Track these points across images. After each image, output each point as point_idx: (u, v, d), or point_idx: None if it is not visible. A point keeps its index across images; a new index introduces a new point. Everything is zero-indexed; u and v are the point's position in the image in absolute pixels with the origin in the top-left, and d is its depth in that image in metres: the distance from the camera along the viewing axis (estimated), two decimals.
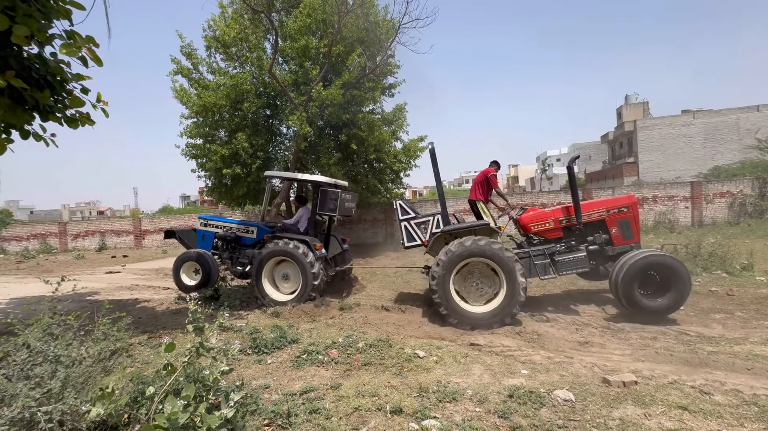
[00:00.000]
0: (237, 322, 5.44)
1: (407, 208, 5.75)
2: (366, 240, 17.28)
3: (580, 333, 4.68)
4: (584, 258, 5.28)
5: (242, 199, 13.77)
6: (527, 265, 5.31)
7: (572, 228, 5.58)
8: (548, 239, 5.64)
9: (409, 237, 5.69)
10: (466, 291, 5.17)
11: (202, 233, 7.27)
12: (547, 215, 5.66)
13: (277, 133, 13.46)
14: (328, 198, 6.43)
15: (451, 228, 5.40)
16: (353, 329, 4.93)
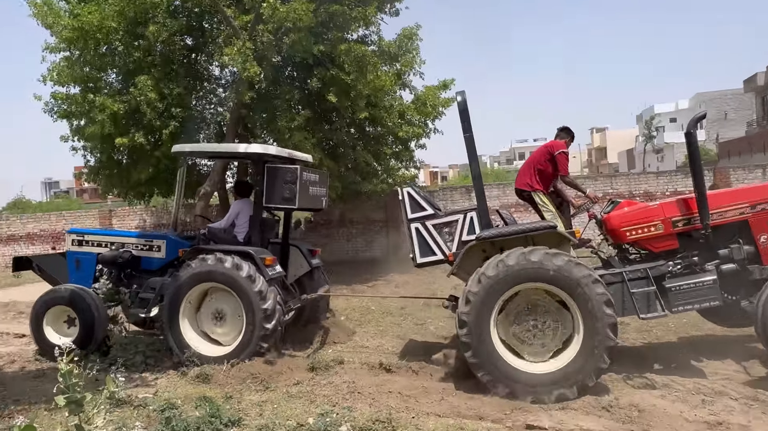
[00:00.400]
0: (140, 391, 5.41)
1: (420, 199, 5.72)
2: (354, 255, 17.36)
3: (708, 407, 4.68)
4: (713, 284, 5.26)
5: (147, 186, 13.84)
6: (619, 295, 5.30)
7: (694, 235, 5.56)
8: (654, 253, 5.64)
9: (423, 248, 5.67)
10: (519, 339, 5.19)
11: (75, 257, 7.29)
12: (653, 213, 5.64)
13: (204, 78, 13.52)
14: (279, 180, 6.44)
15: (494, 233, 5.40)
16: (333, 402, 4.93)
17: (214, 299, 6.41)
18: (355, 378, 5.63)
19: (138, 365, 6.24)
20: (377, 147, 13.27)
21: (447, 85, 13.83)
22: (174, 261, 6.89)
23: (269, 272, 6.22)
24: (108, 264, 7.00)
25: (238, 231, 7.10)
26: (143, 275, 7.01)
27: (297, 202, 6.44)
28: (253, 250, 6.29)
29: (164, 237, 7.05)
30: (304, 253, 7.32)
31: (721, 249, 5.51)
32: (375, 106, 12.58)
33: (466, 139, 5.43)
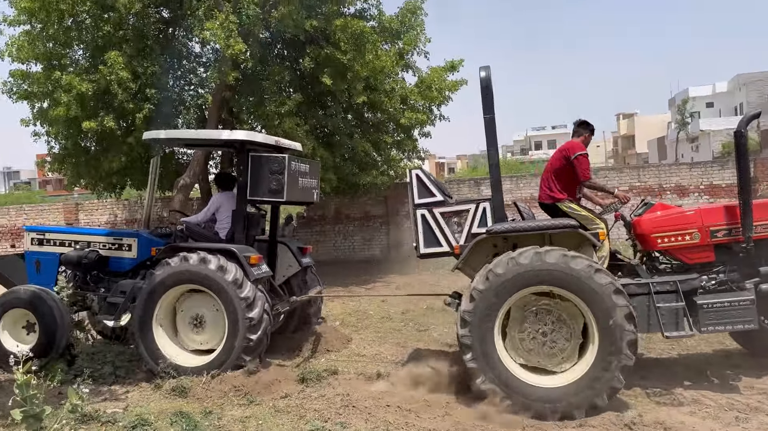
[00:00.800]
0: (108, 406, 5.41)
1: (430, 184, 5.70)
2: (351, 254, 17.40)
3: (742, 425, 4.69)
4: (750, 304, 5.21)
5: (118, 177, 13.85)
6: (643, 309, 5.28)
7: (733, 248, 5.53)
8: (686, 264, 5.62)
9: (428, 237, 5.66)
10: (526, 348, 5.20)
11: (35, 258, 7.29)
12: (690, 220, 5.60)
13: (183, 55, 13.50)
14: (264, 170, 6.44)
15: (507, 228, 5.39)
16: (324, 418, 4.94)
17: (193, 302, 6.40)
18: (350, 390, 5.64)
19: (106, 376, 6.25)
20: (377, 135, 13.27)
21: (455, 66, 13.80)
22: (146, 261, 6.89)
23: (255, 272, 6.21)
24: (72, 266, 6.98)
25: (219, 227, 7.10)
26: (112, 278, 7.00)
27: (285, 195, 6.42)
28: (236, 248, 6.28)
29: (135, 235, 7.05)
30: (293, 251, 7.32)
31: (762, 266, 5.48)
32: (374, 89, 12.58)
33: (486, 120, 5.40)
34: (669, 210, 5.97)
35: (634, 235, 5.94)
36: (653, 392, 5.39)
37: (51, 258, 7.18)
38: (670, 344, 7.01)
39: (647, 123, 68.03)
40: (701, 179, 16.28)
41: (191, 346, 6.40)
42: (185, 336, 6.42)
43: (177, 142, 8.13)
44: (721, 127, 46.71)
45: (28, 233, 7.46)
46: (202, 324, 6.35)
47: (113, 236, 7.13)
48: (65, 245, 7.18)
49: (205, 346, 6.35)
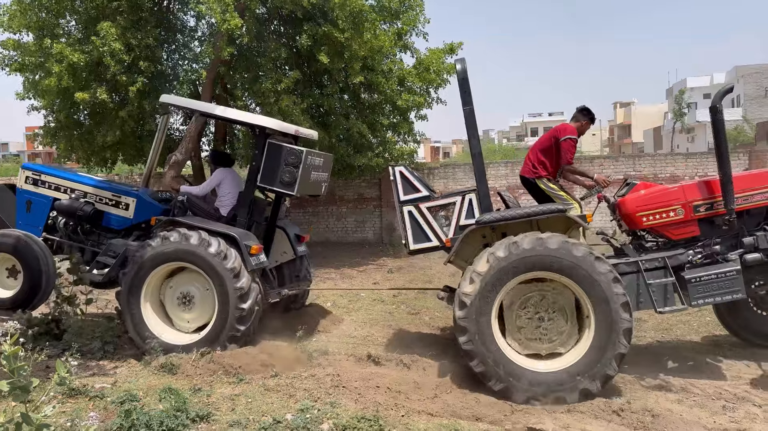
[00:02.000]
0: (96, 381, 5.42)
1: (414, 179, 5.75)
2: (344, 236, 17.39)
3: (729, 414, 4.75)
4: (736, 275, 5.29)
5: (111, 152, 13.73)
6: (633, 287, 5.34)
7: (716, 221, 5.61)
8: (672, 240, 5.68)
9: (416, 233, 5.69)
10: (521, 332, 5.24)
11: (26, 197, 7.08)
12: (673, 196, 5.67)
13: (178, 29, 13.33)
14: (281, 160, 6.38)
15: (496, 217, 5.41)
16: (314, 397, 4.96)
17: (183, 279, 6.35)
18: (340, 370, 5.65)
19: (95, 352, 6.24)
20: (373, 117, 13.18)
21: (453, 48, 13.70)
22: (141, 224, 6.78)
23: (253, 262, 6.19)
24: (65, 214, 6.81)
25: (220, 204, 7.04)
26: (105, 233, 6.87)
27: (297, 188, 6.38)
28: (238, 234, 6.22)
29: (136, 196, 6.89)
30: (290, 239, 7.29)
31: (745, 236, 5.56)
32: (372, 69, 12.48)
33: (465, 112, 5.45)
34: (652, 188, 6.02)
35: (619, 215, 5.98)
36: (642, 379, 5.45)
37: (43, 201, 7.00)
38: (659, 332, 7.08)
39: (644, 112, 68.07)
40: (696, 170, 16.32)
41: (179, 324, 6.38)
42: (174, 313, 6.39)
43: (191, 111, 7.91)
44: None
45: (24, 170, 7.22)
46: (191, 302, 6.32)
47: (112, 191, 6.95)
48: (60, 190, 7.00)
49: (193, 324, 6.34)
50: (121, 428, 4.21)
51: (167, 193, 7.43)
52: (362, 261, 13.73)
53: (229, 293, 5.97)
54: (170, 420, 4.31)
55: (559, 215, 5.35)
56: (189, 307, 6.33)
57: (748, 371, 5.72)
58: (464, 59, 5.48)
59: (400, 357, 6.13)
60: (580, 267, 4.93)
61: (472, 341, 5.03)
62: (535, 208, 5.52)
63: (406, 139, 14.65)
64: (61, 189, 7.02)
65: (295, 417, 4.46)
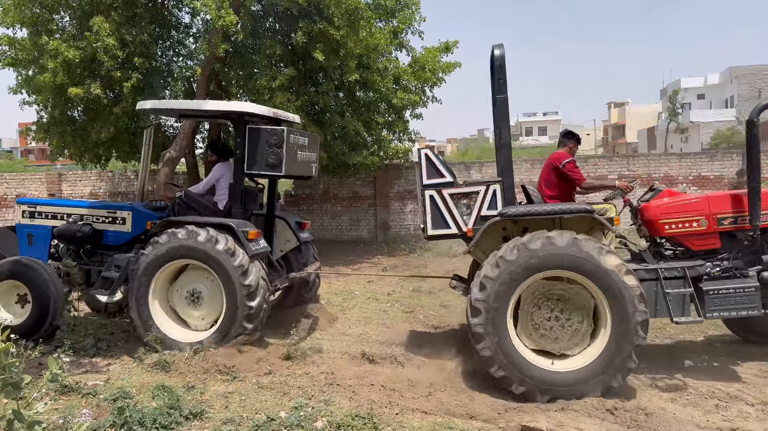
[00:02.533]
0: (89, 377, 5.40)
1: (440, 165, 5.64)
2: (338, 234, 17.37)
3: (722, 413, 4.77)
4: (754, 291, 5.28)
5: (105, 148, 13.65)
6: (651, 294, 5.31)
7: (738, 236, 5.60)
8: (692, 250, 5.67)
9: (436, 218, 5.61)
10: (537, 330, 5.24)
11: (26, 231, 7.19)
12: (697, 207, 5.64)
13: (172, 25, 13.26)
14: (262, 143, 6.37)
15: (521, 211, 5.37)
16: (308, 395, 4.95)
17: (190, 278, 6.37)
18: (335, 368, 5.66)
19: (88, 349, 6.22)
20: (368, 115, 13.17)
21: (449, 47, 13.71)
22: (141, 235, 6.83)
23: (252, 247, 6.16)
24: (65, 240, 6.91)
25: (218, 198, 7.05)
26: (105, 251, 6.92)
27: (284, 169, 6.36)
28: (234, 223, 6.22)
29: (130, 209, 6.97)
30: (291, 226, 7.28)
31: (766, 254, 5.55)
32: (367, 67, 12.46)
33: (499, 101, 5.38)
34: (676, 196, 6.01)
35: (641, 221, 5.96)
36: (636, 378, 5.46)
37: (43, 231, 7.09)
38: (654, 332, 7.09)
39: (638, 113, 68.21)
40: (690, 170, 16.39)
41: (190, 322, 6.38)
42: (182, 312, 6.39)
43: (169, 113, 8.01)
44: (711, 119, 47.00)
45: (20, 206, 7.33)
46: (199, 300, 6.32)
47: (107, 209, 7.03)
48: (57, 218, 7.09)
49: (202, 322, 6.34)
50: (114, 425, 4.20)
51: (162, 201, 7.45)
52: (357, 259, 13.73)
53: (230, 273, 5.97)
54: (163, 418, 4.30)
55: (586, 215, 5.31)
56: (198, 304, 6.33)
57: (740, 371, 5.74)
58: (503, 45, 5.36)
59: (395, 355, 6.14)
60: (590, 262, 4.90)
61: (488, 337, 5.01)
62: (561, 205, 5.48)
63: (401, 137, 14.64)
64: (58, 216, 7.12)
65: (288, 414, 4.45)
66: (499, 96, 5.38)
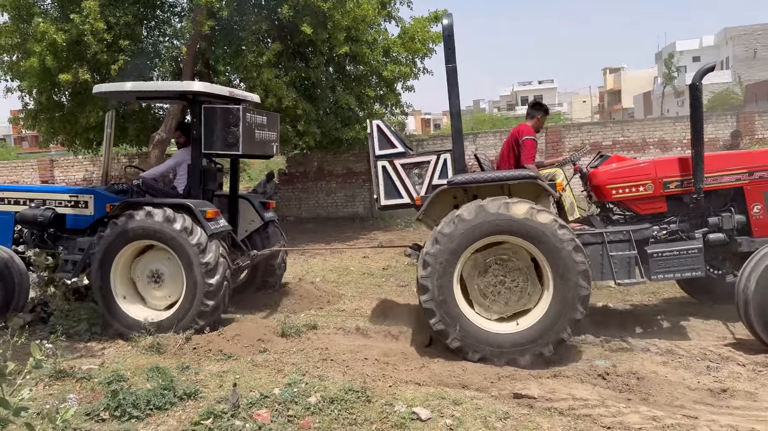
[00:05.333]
0: (83, 362, 5.42)
1: (391, 135, 5.72)
2: (334, 211, 17.34)
3: (713, 374, 4.80)
4: (698, 253, 5.37)
5: (95, 132, 13.51)
6: (596, 258, 5.39)
7: (684, 199, 5.63)
8: (639, 214, 5.73)
9: (389, 189, 5.71)
10: (483, 295, 5.31)
11: None
12: (644, 172, 5.70)
13: (157, 5, 13.02)
14: (219, 123, 6.34)
15: (467, 179, 5.39)
16: (303, 371, 4.97)
17: (151, 258, 6.39)
18: (329, 344, 5.69)
19: (82, 334, 6.23)
20: (359, 88, 13.04)
21: (438, 17, 13.49)
22: (104, 218, 6.81)
23: (212, 226, 6.17)
24: (28, 224, 6.91)
25: (178, 182, 7.04)
26: (70, 235, 6.93)
27: (241, 148, 6.34)
28: (192, 203, 6.23)
29: (92, 192, 6.98)
30: (255, 207, 7.29)
31: (711, 216, 5.63)
32: (356, 40, 12.29)
33: (448, 70, 5.40)
34: (624, 162, 6.05)
35: (590, 187, 6.01)
36: (627, 342, 5.49)
37: (5, 217, 7.08)
38: (645, 295, 7.12)
39: (634, 78, 67.75)
40: (684, 133, 16.26)
41: (153, 302, 6.42)
42: (144, 293, 6.44)
43: (124, 95, 7.96)
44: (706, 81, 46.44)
45: None
46: (161, 279, 6.35)
47: (69, 193, 7.03)
48: (20, 203, 7.08)
49: (165, 301, 6.38)
50: (108, 408, 4.21)
51: (124, 184, 7.42)
52: (353, 235, 13.71)
53: (188, 251, 5.99)
54: (157, 399, 4.31)
55: (530, 181, 5.35)
56: (160, 284, 6.37)
57: (732, 331, 5.78)
58: (451, 15, 5.40)
59: (389, 329, 6.16)
60: (544, 233, 4.96)
61: (433, 301, 5.11)
62: (506, 172, 5.54)
63: (394, 110, 14.53)
64: (20, 202, 7.10)
65: (282, 391, 4.45)
66: (449, 65, 5.38)
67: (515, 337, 5.07)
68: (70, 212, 6.94)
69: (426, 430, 3.89)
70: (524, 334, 5.05)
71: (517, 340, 5.05)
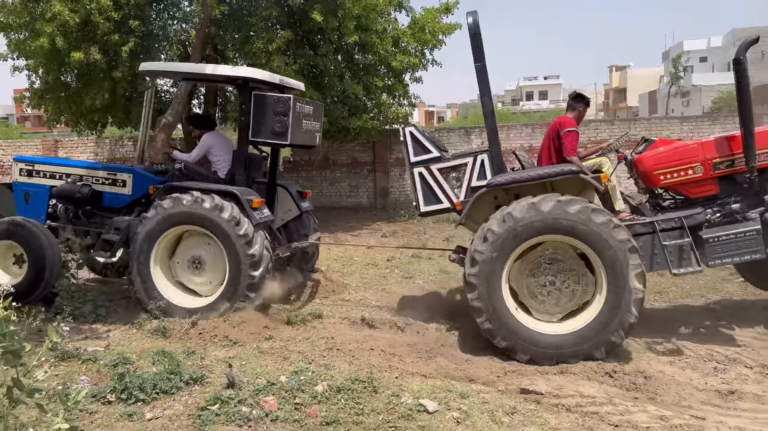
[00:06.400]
0: (88, 343, 5.43)
1: (425, 140, 5.63)
2: (338, 201, 17.31)
3: (721, 376, 4.80)
4: (756, 234, 5.16)
5: (101, 114, 13.47)
6: (648, 248, 5.27)
7: (737, 179, 5.47)
8: (690, 199, 5.58)
9: (427, 195, 5.63)
10: (532, 295, 5.25)
11: (24, 189, 7.08)
12: (692, 153, 5.52)
13: None
14: (269, 111, 6.29)
15: (507, 180, 5.32)
16: (309, 359, 4.98)
17: (192, 244, 6.36)
18: (335, 333, 5.68)
19: (87, 315, 6.23)
20: (367, 78, 12.95)
21: (449, 8, 13.41)
22: (141, 199, 6.78)
23: (257, 216, 6.15)
24: (64, 200, 6.85)
25: (217, 167, 6.99)
26: (105, 213, 6.87)
27: (289, 138, 6.30)
28: (238, 190, 6.20)
29: (131, 171, 6.90)
30: (293, 195, 7.26)
31: (766, 194, 5.44)
32: (366, 29, 12.21)
33: (477, 68, 5.30)
34: (670, 145, 5.85)
35: (637, 174, 5.85)
36: (635, 341, 5.49)
37: (41, 190, 6.99)
38: (653, 295, 7.10)
39: (640, 76, 67.43)
40: (691, 134, 16.19)
41: (193, 288, 6.40)
42: (184, 278, 6.41)
43: (173, 75, 7.86)
44: (713, 82, 46.39)
45: (17, 163, 7.21)
46: (202, 266, 6.33)
47: (107, 171, 6.96)
48: (56, 178, 6.99)
49: (204, 287, 6.36)
50: (114, 391, 4.22)
51: (163, 165, 7.39)
52: (356, 225, 13.68)
53: (234, 242, 5.97)
54: (164, 383, 4.33)
55: (573, 176, 5.25)
56: (201, 270, 6.36)
57: (740, 333, 5.77)
58: (476, 12, 5.27)
59: (394, 320, 6.16)
60: (599, 234, 4.87)
61: (483, 300, 5.04)
62: (547, 169, 5.41)
63: (401, 101, 14.44)
64: (56, 176, 7.01)
65: (289, 378, 4.46)
66: (477, 64, 5.29)
67: (566, 339, 4.99)
68: (108, 190, 6.88)
69: (433, 422, 3.89)
70: (575, 336, 4.97)
71: (568, 342, 4.97)
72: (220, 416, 3.96)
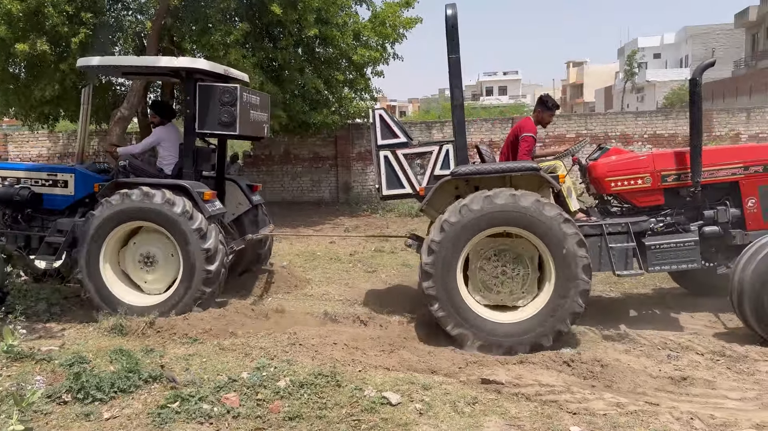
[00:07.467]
0: (42, 343, 5.27)
1: (393, 125, 5.70)
2: (299, 195, 17.21)
3: (674, 363, 4.95)
4: (694, 245, 5.50)
5: (51, 107, 13.06)
6: (595, 249, 5.48)
7: (681, 192, 5.76)
8: (637, 207, 5.84)
9: (391, 179, 5.70)
10: (484, 283, 5.37)
11: None
12: (642, 165, 5.79)
13: None
14: (214, 101, 6.19)
15: (470, 170, 5.42)
16: (271, 355, 4.93)
17: (143, 240, 6.22)
18: (297, 328, 5.63)
19: (41, 314, 6.05)
20: (328, 72, 12.91)
21: (410, 2, 13.47)
22: (85, 199, 6.59)
23: (210, 209, 6.05)
24: (2, 204, 6.60)
25: (163, 163, 6.84)
26: (47, 216, 6.67)
27: (237, 128, 6.21)
28: (188, 184, 6.09)
29: (72, 171, 6.69)
30: (243, 189, 7.16)
31: (706, 209, 5.75)
32: (326, 22, 12.16)
33: (451, 61, 5.37)
34: (623, 154, 6.14)
35: (589, 179, 6.08)
36: (592, 330, 5.62)
37: None
38: (608, 285, 7.30)
39: (596, 72, 68.90)
40: (645, 128, 16.69)
41: (144, 286, 6.26)
42: (135, 276, 6.25)
43: (113, 70, 7.64)
44: (666, 78, 47.83)
45: None
46: (154, 263, 6.18)
47: (47, 172, 6.73)
48: None
49: (157, 285, 6.22)
50: (70, 390, 4.10)
51: (105, 163, 7.19)
52: (319, 220, 13.64)
53: (188, 237, 5.85)
54: (122, 382, 4.22)
55: (533, 173, 5.39)
56: (152, 268, 6.21)
57: (692, 322, 5.98)
58: (455, 5, 5.32)
59: (357, 314, 6.16)
60: (549, 227, 5.04)
61: (438, 288, 5.15)
62: (509, 163, 5.57)
63: (363, 95, 14.44)
64: None
65: (251, 375, 4.41)
66: (452, 56, 5.37)
67: (515, 327, 5.14)
68: (48, 192, 6.64)
69: (396, 414, 3.91)
70: (524, 324, 5.13)
71: (517, 330, 5.12)
72: (180, 414, 3.89)
